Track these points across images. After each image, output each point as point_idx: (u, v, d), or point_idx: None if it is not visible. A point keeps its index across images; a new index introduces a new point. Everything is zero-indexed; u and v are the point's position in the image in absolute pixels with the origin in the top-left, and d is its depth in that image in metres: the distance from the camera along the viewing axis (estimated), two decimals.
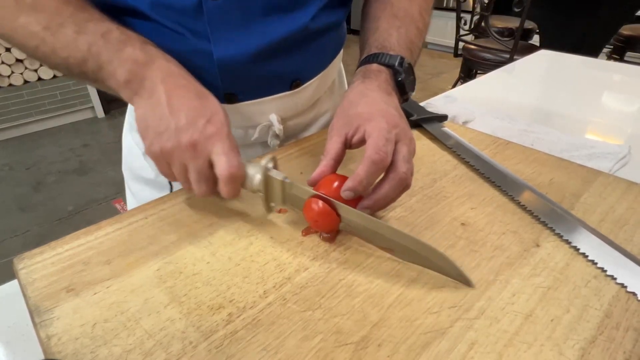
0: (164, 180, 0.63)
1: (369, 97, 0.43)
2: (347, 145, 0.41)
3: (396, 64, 0.46)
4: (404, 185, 0.39)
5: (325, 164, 0.40)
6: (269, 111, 0.55)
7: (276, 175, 0.40)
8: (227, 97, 0.52)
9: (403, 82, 0.47)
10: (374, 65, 0.47)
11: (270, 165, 0.41)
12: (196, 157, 0.38)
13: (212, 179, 0.39)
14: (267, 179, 0.40)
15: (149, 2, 0.44)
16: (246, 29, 0.47)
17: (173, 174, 0.40)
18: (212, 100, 0.41)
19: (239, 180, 0.39)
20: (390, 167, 0.39)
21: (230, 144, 0.39)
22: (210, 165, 0.39)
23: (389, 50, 0.47)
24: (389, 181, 0.38)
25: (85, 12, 0.42)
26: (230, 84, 0.51)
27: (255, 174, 0.40)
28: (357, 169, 0.37)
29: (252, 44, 0.48)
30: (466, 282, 0.35)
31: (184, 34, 0.46)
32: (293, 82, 0.54)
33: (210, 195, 0.40)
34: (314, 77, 0.57)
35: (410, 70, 0.48)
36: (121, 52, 0.40)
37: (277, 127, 0.55)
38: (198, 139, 0.37)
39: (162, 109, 0.38)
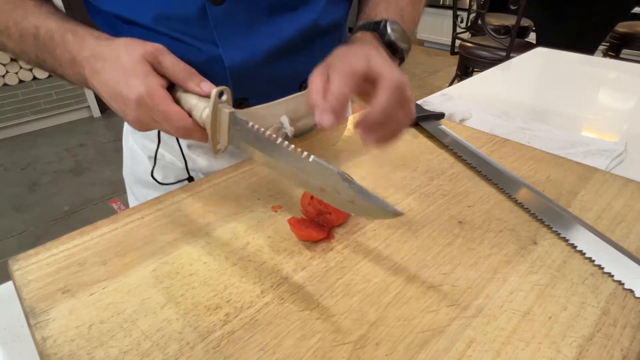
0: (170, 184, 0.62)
1: (345, 47, 0.41)
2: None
3: (380, 27, 0.44)
4: (404, 97, 0.36)
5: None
6: (280, 113, 0.55)
7: (225, 107, 0.38)
8: (239, 102, 0.52)
9: (392, 41, 0.44)
10: (358, 33, 0.45)
11: (224, 97, 0.39)
12: (148, 124, 0.39)
13: None
14: (215, 112, 0.38)
15: (151, 16, 0.44)
16: (253, 31, 0.47)
17: (159, 129, 0.42)
18: (130, 60, 0.39)
19: (192, 133, 0.39)
20: (378, 79, 0.36)
21: (159, 108, 0.38)
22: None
23: (374, 19, 0.46)
24: (383, 89, 0.35)
25: (20, 7, 0.42)
26: (242, 89, 0.50)
27: (204, 109, 0.39)
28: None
29: (262, 46, 0.48)
30: (394, 213, 0.31)
31: (192, 43, 0.46)
32: (303, 83, 0.54)
33: (192, 132, 0.40)
34: None
35: (400, 30, 0.45)
36: (57, 58, 0.41)
37: (289, 129, 0.55)
38: (134, 115, 0.38)
39: (106, 97, 0.40)
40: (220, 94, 0.38)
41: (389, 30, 0.44)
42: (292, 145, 0.34)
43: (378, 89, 0.35)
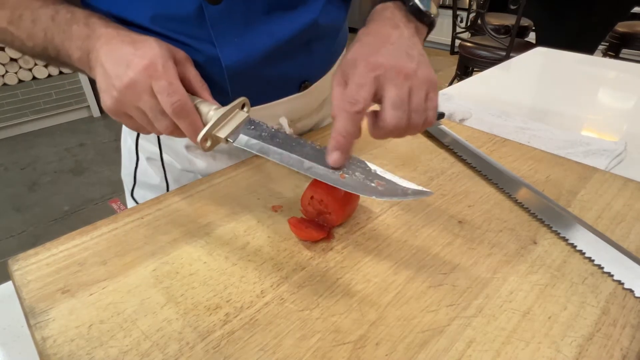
0: (169, 185, 0.62)
1: (361, 40, 0.40)
2: None
3: None
4: (412, 107, 0.36)
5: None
6: (279, 114, 0.55)
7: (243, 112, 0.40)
8: None
9: (417, 6, 0.41)
10: (379, 6, 0.43)
11: (245, 109, 0.41)
12: (139, 95, 0.37)
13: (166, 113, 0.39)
14: (228, 113, 0.39)
15: (149, 16, 0.44)
16: (251, 30, 0.46)
17: (138, 124, 0.40)
18: (148, 43, 0.39)
19: (188, 114, 0.38)
20: (384, 96, 0.36)
21: (167, 78, 0.37)
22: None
23: None
24: (386, 109, 0.36)
25: (40, 0, 0.43)
26: (241, 89, 0.49)
27: (208, 112, 0.39)
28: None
29: (259, 46, 0.47)
30: (422, 192, 0.36)
31: (189, 43, 0.46)
32: (302, 84, 0.54)
33: (176, 130, 0.39)
34: (321, 77, 0.56)
35: None
36: (69, 33, 0.41)
37: (288, 131, 0.55)
38: (133, 77, 0.37)
39: (103, 69, 0.38)
40: (242, 106, 0.41)
41: None
42: (310, 141, 0.38)
43: (383, 107, 0.36)
